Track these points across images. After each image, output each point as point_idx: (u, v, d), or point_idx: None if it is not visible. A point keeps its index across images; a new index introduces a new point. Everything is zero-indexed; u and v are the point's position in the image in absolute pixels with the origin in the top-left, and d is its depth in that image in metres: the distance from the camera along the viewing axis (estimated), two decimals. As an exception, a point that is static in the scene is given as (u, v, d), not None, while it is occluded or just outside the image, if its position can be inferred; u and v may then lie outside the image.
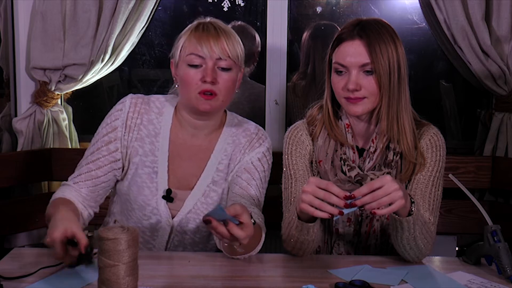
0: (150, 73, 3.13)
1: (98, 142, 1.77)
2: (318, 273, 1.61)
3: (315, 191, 1.50)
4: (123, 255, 1.28)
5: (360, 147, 1.80)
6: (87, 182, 1.76)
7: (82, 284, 1.49)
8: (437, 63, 3.20)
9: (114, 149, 1.76)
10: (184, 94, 1.74)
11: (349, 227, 1.79)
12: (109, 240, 1.28)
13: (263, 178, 1.82)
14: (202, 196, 1.80)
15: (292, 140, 1.82)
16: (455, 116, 3.13)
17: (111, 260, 1.28)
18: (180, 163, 1.79)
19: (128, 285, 1.29)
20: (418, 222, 1.61)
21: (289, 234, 1.67)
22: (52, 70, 2.46)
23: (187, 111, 1.78)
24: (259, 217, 1.71)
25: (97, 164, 1.76)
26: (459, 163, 2.34)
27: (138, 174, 1.78)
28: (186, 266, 1.62)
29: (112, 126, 1.77)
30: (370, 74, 1.68)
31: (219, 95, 1.71)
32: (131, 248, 1.29)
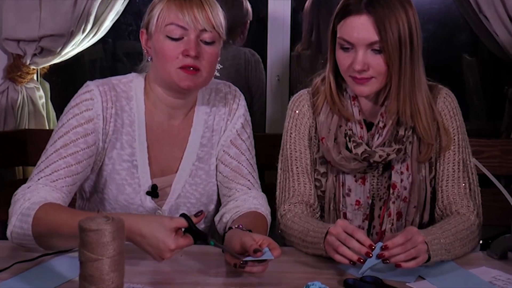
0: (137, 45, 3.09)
1: (71, 133, 1.71)
2: (325, 268, 1.62)
3: (338, 234, 1.55)
4: (107, 248, 1.28)
5: (368, 121, 1.82)
6: (68, 180, 1.69)
7: (61, 280, 1.50)
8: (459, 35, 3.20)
9: (92, 143, 1.73)
10: (161, 69, 1.72)
11: (358, 211, 1.81)
12: (92, 231, 1.28)
13: (251, 146, 1.87)
14: (189, 177, 1.82)
15: (293, 113, 1.86)
16: (479, 94, 3.13)
17: (94, 254, 1.28)
18: (160, 149, 1.80)
19: (113, 282, 1.29)
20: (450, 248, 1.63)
21: (294, 240, 1.72)
22: (27, 42, 2.45)
23: (164, 89, 1.77)
24: (260, 205, 1.77)
25: (76, 158, 1.70)
26: (483, 147, 2.34)
27: (116, 171, 1.77)
28: (178, 261, 1.62)
29: (85, 117, 1.72)
30: (378, 53, 1.70)
31: (202, 71, 1.71)
32: (116, 241, 1.29)
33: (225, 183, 1.84)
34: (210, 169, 1.85)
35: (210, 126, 1.85)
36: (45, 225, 1.56)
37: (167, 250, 1.47)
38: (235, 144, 1.85)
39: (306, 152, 1.85)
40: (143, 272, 1.57)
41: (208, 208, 1.87)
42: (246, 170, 1.83)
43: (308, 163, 1.84)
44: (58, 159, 1.69)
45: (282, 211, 1.81)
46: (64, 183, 1.69)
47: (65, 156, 1.70)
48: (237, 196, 1.82)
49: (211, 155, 1.85)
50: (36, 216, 1.57)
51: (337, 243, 1.55)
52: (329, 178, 1.83)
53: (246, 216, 1.74)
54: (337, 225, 1.57)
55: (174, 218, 1.50)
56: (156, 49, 1.72)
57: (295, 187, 1.82)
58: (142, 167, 1.78)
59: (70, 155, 1.70)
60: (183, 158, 1.82)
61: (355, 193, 1.81)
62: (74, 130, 1.72)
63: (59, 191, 1.67)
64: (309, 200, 1.82)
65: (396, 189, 1.80)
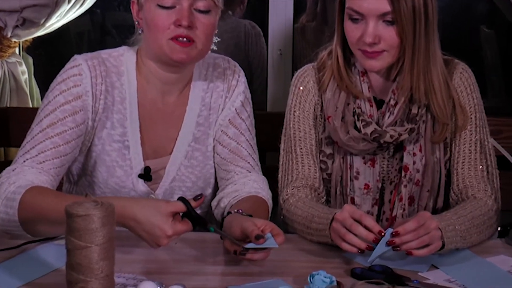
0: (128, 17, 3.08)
1: (58, 111, 1.70)
2: (330, 256, 1.62)
3: (345, 219, 1.55)
4: (96, 235, 1.28)
5: (378, 98, 1.82)
6: (55, 161, 1.69)
7: (47, 270, 1.50)
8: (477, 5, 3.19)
9: (81, 121, 1.72)
10: (153, 42, 1.72)
11: (367, 195, 1.82)
12: (79, 217, 1.28)
13: (251, 126, 1.88)
14: (184, 159, 1.83)
15: (297, 89, 1.86)
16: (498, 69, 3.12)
17: (82, 241, 1.28)
18: (153, 129, 1.80)
19: (103, 271, 1.29)
20: (465, 235, 1.63)
21: (298, 227, 1.72)
22: (8, 13, 2.44)
23: (156, 63, 1.77)
24: (261, 189, 1.78)
25: (64, 138, 1.70)
26: (502, 126, 2.33)
27: (106, 152, 1.78)
28: (173, 249, 1.63)
29: (73, 94, 1.72)
30: (391, 25, 1.70)
31: (197, 42, 1.70)
32: (106, 227, 1.29)
33: (223, 165, 1.84)
34: (207, 151, 1.85)
35: (207, 104, 1.85)
36: (32, 210, 1.56)
37: (163, 236, 1.47)
38: (234, 123, 1.85)
39: (311, 132, 1.85)
40: (135, 260, 1.57)
41: (204, 192, 1.87)
42: (245, 151, 1.84)
43: (313, 144, 1.84)
44: (44, 139, 1.69)
45: (284, 195, 1.81)
46: (51, 165, 1.68)
47: (52, 136, 1.69)
48: (236, 180, 1.82)
49: (208, 135, 1.85)
50: (22, 200, 1.56)
51: (344, 230, 1.55)
52: (335, 160, 1.83)
53: (246, 200, 1.74)
54: (344, 210, 1.57)
55: (171, 201, 1.51)
56: (147, 20, 1.72)
57: (299, 170, 1.83)
58: (134, 147, 1.78)
59: (57, 134, 1.70)
60: (178, 138, 1.82)
61: (364, 176, 1.82)
62: (62, 108, 1.71)
63: (47, 174, 1.67)
64: (314, 183, 1.82)
65: (408, 172, 1.80)
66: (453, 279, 1.52)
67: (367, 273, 1.51)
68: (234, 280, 1.49)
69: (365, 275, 1.50)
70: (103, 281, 1.29)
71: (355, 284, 1.47)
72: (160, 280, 1.41)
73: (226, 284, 1.47)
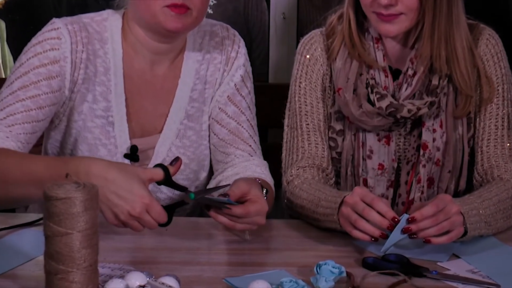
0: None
1: (31, 74, 1.70)
2: (339, 244, 1.63)
3: (355, 203, 1.55)
4: (78, 220, 1.28)
5: (394, 68, 1.82)
6: (26, 126, 1.68)
7: (23, 259, 1.50)
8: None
9: (57, 88, 1.72)
10: (143, 9, 1.71)
11: (381, 177, 1.82)
12: (60, 200, 1.27)
13: (251, 104, 1.89)
14: (176, 138, 1.83)
15: (303, 58, 1.86)
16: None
17: (62, 227, 1.28)
18: (141, 103, 1.81)
19: (85, 260, 1.29)
20: (490, 221, 1.63)
21: (303, 211, 1.72)
22: (-23, -29, 2.44)
23: (146, 31, 1.76)
24: (264, 174, 1.78)
25: (37, 103, 1.70)
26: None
27: (87, 129, 1.78)
28: (163, 236, 1.63)
29: (50, 57, 1.71)
30: None
31: (192, 9, 1.70)
32: (89, 211, 1.29)
33: (222, 147, 1.85)
34: (201, 129, 1.86)
35: (202, 77, 1.84)
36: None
37: (138, 202, 1.46)
38: (233, 101, 1.85)
39: (319, 105, 1.85)
40: (121, 249, 1.57)
41: (198, 175, 1.88)
42: (246, 133, 1.85)
43: (321, 119, 1.85)
44: (15, 101, 1.69)
45: (288, 176, 1.82)
46: (21, 130, 1.68)
47: (24, 99, 1.69)
48: (236, 163, 1.83)
49: (203, 112, 1.85)
50: None
51: (354, 216, 1.55)
52: (346, 137, 1.83)
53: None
54: (354, 193, 1.57)
55: (149, 168, 1.51)
56: None
57: (305, 148, 1.83)
58: (119, 124, 1.78)
59: (29, 98, 1.69)
60: (169, 115, 1.82)
61: (378, 155, 1.82)
62: (36, 71, 1.71)
63: (15, 139, 1.67)
64: (322, 163, 1.82)
65: (427, 150, 1.80)
66: (477, 270, 1.52)
67: (380, 263, 1.51)
68: (232, 271, 1.50)
69: (378, 265, 1.51)
70: (86, 272, 1.29)
71: (367, 275, 1.47)
72: (149, 271, 1.41)
73: (223, 275, 1.47)
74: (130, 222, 1.49)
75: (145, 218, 1.48)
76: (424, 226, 1.53)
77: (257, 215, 1.55)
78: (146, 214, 1.48)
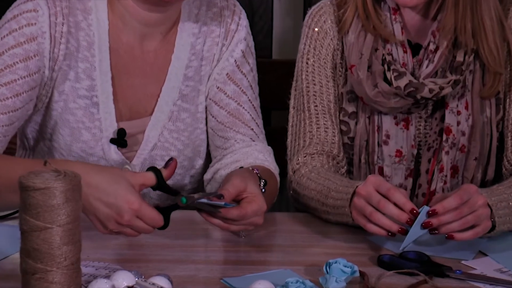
0: None
1: (6, 56, 1.70)
2: (352, 240, 1.63)
3: (370, 195, 1.54)
4: (58, 213, 1.28)
5: (413, 42, 1.82)
6: (2, 118, 1.69)
7: (-3, 257, 1.50)
8: None
9: (36, 70, 1.72)
10: None
11: (399, 165, 1.82)
12: (37, 190, 1.27)
13: (253, 82, 1.89)
14: (169, 121, 1.83)
15: (312, 32, 1.86)
16: None
17: (41, 221, 1.28)
18: (129, 82, 1.81)
19: (67, 258, 1.29)
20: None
21: (311, 203, 1.73)
22: None
23: (136, 1, 1.77)
24: (268, 161, 1.78)
25: (13, 90, 1.70)
26: None
27: (69, 110, 1.78)
28: (154, 232, 1.59)
29: (27, 35, 1.71)
30: None
31: None
32: (71, 203, 1.29)
33: (220, 131, 1.85)
34: (197, 111, 1.86)
35: (198, 52, 1.85)
36: None
37: (126, 209, 1.46)
38: (233, 79, 1.86)
39: (329, 85, 1.85)
40: (107, 245, 1.57)
41: (193, 163, 1.89)
42: (248, 115, 1.86)
43: (331, 100, 1.85)
44: None
45: (295, 164, 1.82)
46: None
47: None
48: (236, 149, 1.84)
49: (199, 92, 1.86)
50: None
51: (369, 208, 1.55)
52: (360, 120, 1.84)
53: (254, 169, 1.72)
54: (368, 182, 1.57)
55: (140, 172, 1.51)
56: None
57: (313, 133, 1.84)
58: (105, 105, 1.79)
59: (5, 84, 1.70)
60: (161, 95, 1.82)
61: (395, 141, 1.82)
62: (11, 52, 1.71)
63: None
64: (332, 149, 1.83)
65: (451, 135, 1.80)
66: (506, 269, 1.52)
67: (398, 261, 1.52)
68: (230, 270, 1.50)
69: (395, 263, 1.51)
70: (67, 271, 1.29)
71: (383, 274, 1.47)
72: (138, 270, 1.41)
73: (221, 275, 1.47)
74: (121, 230, 1.49)
75: (137, 224, 1.48)
76: (446, 220, 1.52)
77: (254, 215, 1.54)
78: (137, 220, 1.48)
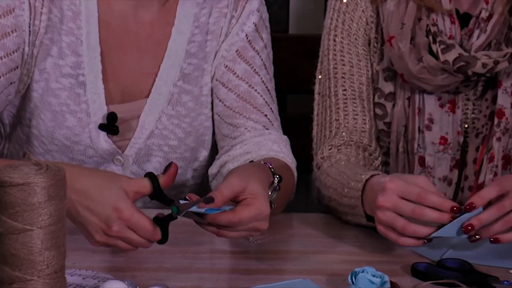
0: None
1: None
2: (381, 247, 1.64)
3: (398, 206, 1.51)
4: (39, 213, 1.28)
5: (462, 12, 1.82)
6: None
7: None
8: None
9: (15, 48, 1.74)
10: None
11: (444, 154, 1.82)
12: (15, 186, 1.27)
13: (268, 61, 1.90)
14: (168, 105, 1.84)
15: (339, 3, 1.87)
16: None
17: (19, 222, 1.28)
18: (121, 58, 1.83)
19: (49, 265, 1.29)
20: None
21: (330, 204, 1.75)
22: None
23: None
24: (284, 153, 1.79)
25: None
26: None
27: (51, 91, 1.79)
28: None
29: (2, 7, 1.73)
30: None
31: None
32: (54, 202, 1.29)
33: (228, 117, 1.86)
34: (201, 94, 1.87)
35: (203, 25, 1.86)
36: None
37: (115, 218, 1.46)
38: (244, 56, 1.86)
39: (360, 64, 1.86)
40: (96, 251, 1.57)
41: (197, 155, 1.90)
42: (261, 98, 1.86)
43: (363, 83, 1.86)
44: None
45: (319, 159, 1.83)
46: None
47: None
48: (246, 138, 1.84)
49: (204, 71, 1.87)
50: None
51: (401, 222, 1.51)
52: (398, 102, 1.85)
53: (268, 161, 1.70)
54: (388, 191, 1.52)
55: (136, 178, 1.52)
56: None
57: (340, 121, 1.85)
58: (93, 85, 1.79)
59: None
60: (159, 74, 1.84)
61: (440, 126, 1.82)
62: None
63: None
64: (362, 139, 1.84)
65: (504, 119, 1.81)
66: None
67: (435, 271, 1.51)
68: (239, 280, 1.50)
69: (432, 273, 1.51)
70: (50, 280, 1.29)
71: (418, 285, 1.48)
72: (132, 279, 1.41)
73: (228, 285, 1.48)
74: (112, 243, 1.49)
75: (129, 236, 1.48)
76: (487, 219, 1.50)
77: (252, 221, 1.49)
78: (129, 232, 1.47)
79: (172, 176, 1.51)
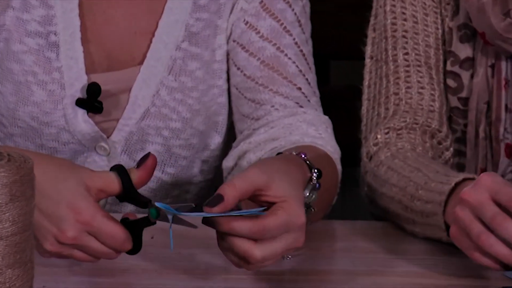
0: None
1: None
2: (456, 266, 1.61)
3: (481, 204, 1.46)
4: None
5: None
6: None
7: None
8: None
9: None
10: None
11: None
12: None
13: (302, 16, 1.89)
14: (169, 74, 1.86)
15: None
16: None
17: (-28, 231, 1.29)
18: (107, 12, 1.86)
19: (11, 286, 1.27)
20: None
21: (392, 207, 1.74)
22: None
23: None
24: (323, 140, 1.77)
25: None
26: None
27: (12, 55, 1.84)
28: (144, 247, 1.56)
29: None
30: None
31: None
32: (19, 203, 1.26)
33: (249, 91, 1.85)
34: (213, 60, 1.88)
35: None
36: None
37: (71, 220, 1.42)
38: (270, 9, 1.86)
39: (428, 20, 1.89)
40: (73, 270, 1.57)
41: (207, 141, 1.91)
42: (293, 66, 1.85)
43: (430, 44, 1.88)
44: None
45: (371, 146, 1.84)
46: None
47: None
48: (273, 119, 1.82)
49: (217, 29, 1.88)
50: None
51: (477, 227, 1.45)
52: (478, 71, 1.84)
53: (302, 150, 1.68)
54: (480, 184, 1.48)
55: (99, 171, 1.50)
56: None
57: (400, 95, 1.86)
58: (69, 47, 1.82)
59: None
60: (157, 33, 1.86)
61: None
62: None
63: None
64: (430, 121, 1.84)
65: None
66: None
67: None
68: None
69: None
70: (13, 308, 1.30)
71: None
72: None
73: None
74: (66, 254, 1.46)
75: (90, 245, 1.45)
76: None
77: (283, 232, 1.41)
78: (90, 239, 1.44)
79: (148, 171, 1.48)
